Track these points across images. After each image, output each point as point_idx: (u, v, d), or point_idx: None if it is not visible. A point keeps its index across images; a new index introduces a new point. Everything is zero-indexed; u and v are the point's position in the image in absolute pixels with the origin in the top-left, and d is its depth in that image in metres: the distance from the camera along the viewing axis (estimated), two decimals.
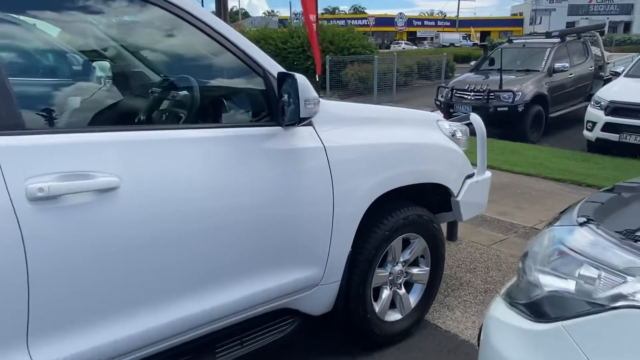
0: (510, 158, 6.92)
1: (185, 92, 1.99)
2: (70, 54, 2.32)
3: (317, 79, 13.51)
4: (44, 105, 1.82)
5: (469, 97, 9.04)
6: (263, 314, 2.00)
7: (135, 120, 2.06)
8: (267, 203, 1.85)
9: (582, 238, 1.39)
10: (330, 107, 2.14)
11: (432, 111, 11.44)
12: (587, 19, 47.17)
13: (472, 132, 2.88)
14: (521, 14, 60.40)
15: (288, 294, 2.02)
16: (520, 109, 8.52)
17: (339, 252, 2.14)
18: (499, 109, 8.62)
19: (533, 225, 4.36)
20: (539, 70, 9.24)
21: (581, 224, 1.45)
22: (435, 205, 2.78)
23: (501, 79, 8.64)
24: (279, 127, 1.89)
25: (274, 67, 1.91)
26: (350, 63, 15.03)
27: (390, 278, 2.47)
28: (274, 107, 1.89)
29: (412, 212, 2.44)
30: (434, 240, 2.60)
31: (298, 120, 1.77)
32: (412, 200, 2.52)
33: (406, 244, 2.53)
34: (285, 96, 1.79)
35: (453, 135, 2.71)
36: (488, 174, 2.92)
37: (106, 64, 2.30)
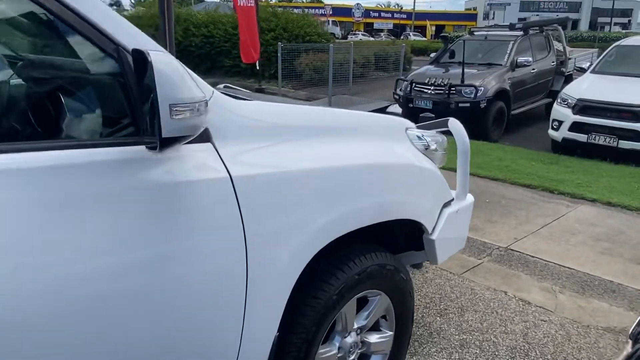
0: (474, 159, 6.27)
1: None
2: None
3: (257, 67, 12.63)
4: None
5: (430, 92, 8.43)
6: None
7: None
8: (115, 283, 1.05)
9: None
10: (245, 111, 1.36)
11: (389, 106, 10.88)
12: (537, 15, 48.19)
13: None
14: (475, 9, 61.18)
15: None
16: (482, 104, 8.00)
17: (258, 340, 1.36)
18: (460, 104, 8.06)
19: (508, 245, 3.73)
20: (501, 65, 8.74)
21: None
22: (400, 242, 2.06)
23: (463, 73, 8.08)
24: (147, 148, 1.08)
25: (137, 40, 1.09)
26: (305, 52, 14.19)
27: (339, 355, 1.72)
28: (136, 112, 1.08)
29: (370, 262, 1.69)
30: (401, 295, 1.88)
31: (159, 140, 0.97)
32: (369, 241, 1.78)
33: (362, 303, 1.79)
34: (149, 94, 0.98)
35: (426, 149, 1.98)
36: (470, 198, 2.21)
37: None
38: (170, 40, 7.32)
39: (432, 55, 10.57)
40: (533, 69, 9.14)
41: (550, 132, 7.16)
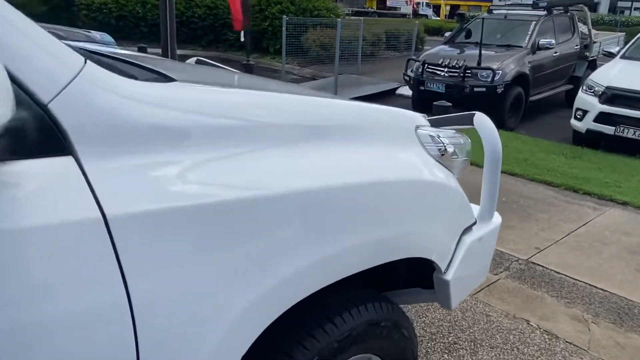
0: None
1: None
2: None
3: (242, 39, 11.65)
4: None
5: (443, 74, 7.82)
6: None
7: None
8: None
9: None
10: (152, 98, 0.83)
11: (398, 88, 10.23)
12: None
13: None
14: None
15: None
16: (499, 89, 7.38)
17: None
18: (475, 89, 7.45)
19: (529, 257, 3.22)
20: (521, 47, 8.07)
21: None
22: (401, 275, 1.55)
23: (480, 55, 7.44)
24: None
25: None
26: (312, 27, 13.48)
27: None
28: None
29: (358, 319, 1.19)
30: (401, 355, 1.37)
31: None
32: (357, 282, 1.27)
33: None
34: None
35: (442, 155, 1.45)
36: (497, 218, 1.69)
37: None
38: (170, 11, 6.76)
39: (447, 34, 9.88)
40: (555, 53, 8.46)
41: (573, 122, 6.56)
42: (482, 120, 1.52)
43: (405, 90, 9.60)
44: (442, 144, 1.44)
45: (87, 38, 7.15)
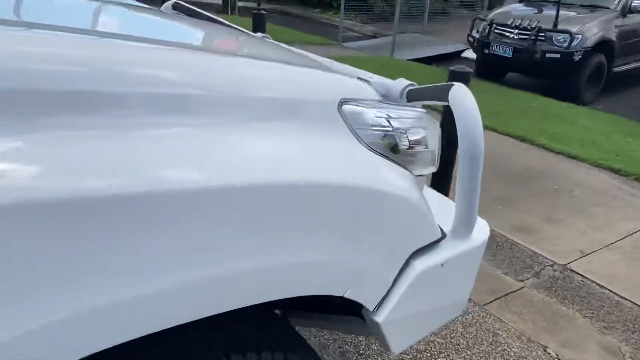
0: (551, 127, 5.04)
1: None
2: None
3: None
4: None
5: (512, 36, 6.95)
6: None
7: None
8: None
9: None
10: None
11: (464, 51, 9.33)
12: None
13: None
14: None
15: None
16: (577, 57, 6.45)
17: None
18: (548, 54, 6.57)
19: (568, 261, 2.67)
20: (609, 8, 7.00)
21: None
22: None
23: (557, 15, 6.50)
24: None
25: None
26: None
27: None
28: None
29: None
30: None
31: None
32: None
33: None
34: None
35: (394, 146, 1.00)
36: (480, 234, 1.22)
37: None
38: None
39: None
40: None
41: None
42: (460, 95, 1.05)
43: (472, 54, 8.75)
44: (389, 129, 1.00)
45: None
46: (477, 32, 7.52)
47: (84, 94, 0.66)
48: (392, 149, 1.02)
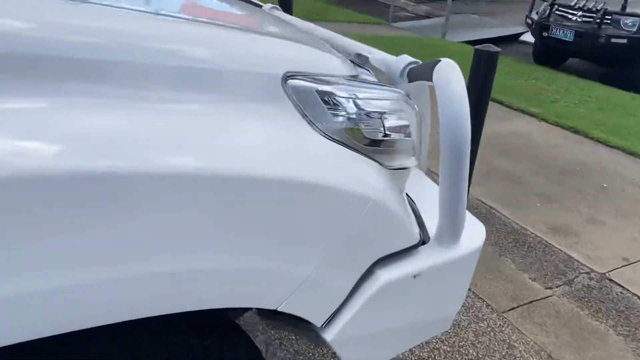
0: (610, 118, 4.61)
1: None
2: None
3: None
4: None
5: (575, 18, 6.43)
6: None
7: None
8: None
9: None
10: None
11: (523, 34, 8.74)
12: None
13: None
14: None
15: None
16: None
17: None
18: (613, 39, 6.03)
19: (608, 270, 2.39)
20: None
21: None
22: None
23: None
24: None
25: None
26: None
27: None
28: None
29: None
30: None
31: None
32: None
33: None
34: None
35: (358, 135, 0.83)
36: (473, 240, 1.03)
37: None
38: None
39: None
40: None
41: None
42: (445, 72, 0.85)
43: (531, 37, 8.19)
44: (354, 112, 0.83)
45: None
46: (537, 13, 7.00)
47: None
48: (357, 136, 0.85)
